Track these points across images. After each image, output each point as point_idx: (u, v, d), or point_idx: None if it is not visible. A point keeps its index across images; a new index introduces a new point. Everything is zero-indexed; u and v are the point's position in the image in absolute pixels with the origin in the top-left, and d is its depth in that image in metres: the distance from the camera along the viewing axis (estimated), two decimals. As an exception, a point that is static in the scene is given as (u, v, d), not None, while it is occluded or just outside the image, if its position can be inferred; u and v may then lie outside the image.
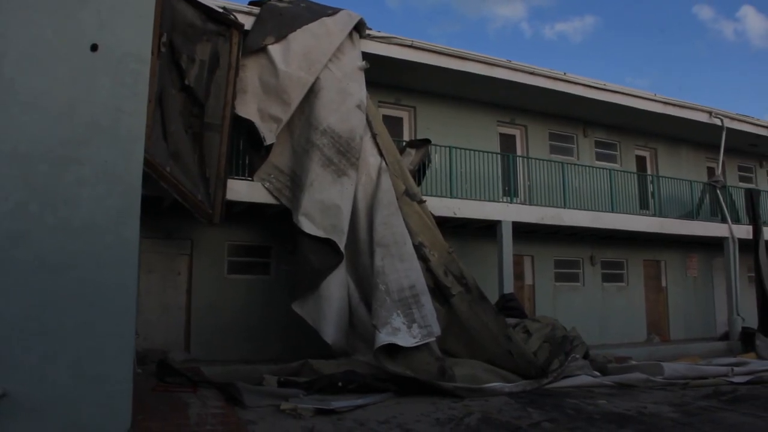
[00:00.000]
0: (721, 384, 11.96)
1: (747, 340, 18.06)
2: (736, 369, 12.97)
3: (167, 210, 12.47)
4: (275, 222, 13.74)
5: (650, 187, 19.99)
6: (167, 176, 10.55)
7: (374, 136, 12.89)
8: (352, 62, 13.10)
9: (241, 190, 12.24)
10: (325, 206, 11.86)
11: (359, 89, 12.91)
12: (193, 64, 11.57)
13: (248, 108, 12.40)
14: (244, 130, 12.57)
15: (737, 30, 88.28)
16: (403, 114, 16.65)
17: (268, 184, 12.45)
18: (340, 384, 10.27)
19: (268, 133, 12.25)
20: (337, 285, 11.78)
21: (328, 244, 11.81)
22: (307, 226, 11.79)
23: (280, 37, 12.50)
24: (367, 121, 12.85)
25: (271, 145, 12.39)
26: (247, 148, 12.75)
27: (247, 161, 12.79)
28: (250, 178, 12.52)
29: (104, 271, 6.75)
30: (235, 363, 12.33)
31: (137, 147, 7.27)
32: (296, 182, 12.36)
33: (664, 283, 20.84)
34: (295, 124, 12.69)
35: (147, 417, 7.60)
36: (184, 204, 11.14)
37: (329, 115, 12.34)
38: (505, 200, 16.22)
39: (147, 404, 8.32)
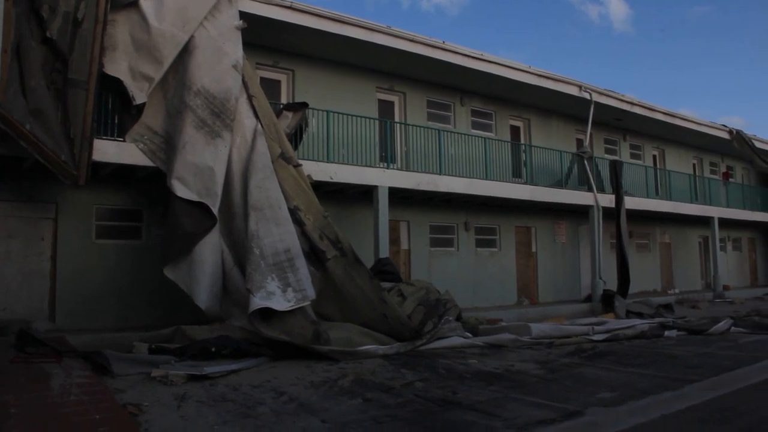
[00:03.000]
0: (582, 342, 12.65)
1: (607, 302, 19.24)
2: (596, 328, 13.74)
3: (28, 171, 11.82)
4: (147, 184, 13.29)
5: (523, 156, 20.73)
6: (27, 134, 9.91)
7: (250, 98, 12.62)
8: (229, 21, 12.74)
9: (109, 150, 11.70)
10: (198, 169, 11.54)
11: (235, 49, 12.59)
12: (55, 16, 10.85)
13: (118, 66, 11.83)
14: (114, 88, 11.98)
15: (602, 13, 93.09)
16: (282, 77, 16.39)
17: (141, 145, 11.98)
18: (213, 349, 10.10)
19: (138, 93, 11.76)
20: (210, 249, 11.53)
21: (202, 207, 11.50)
22: (180, 190, 11.43)
23: (153, -9, 11.97)
24: (243, 82, 12.56)
25: (143, 105, 11.92)
26: (117, 108, 12.18)
27: (116, 121, 12.22)
28: (119, 139, 12.00)
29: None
30: (104, 331, 11.95)
31: (-11, 101, 6.77)
32: (170, 144, 11.96)
33: (534, 249, 21.74)
34: (168, 84, 12.27)
35: (3, 390, 7.21)
36: (47, 165, 10.53)
37: (203, 75, 11.98)
38: (382, 166, 16.32)
39: (4, 376, 7.91)
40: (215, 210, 11.60)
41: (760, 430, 6.07)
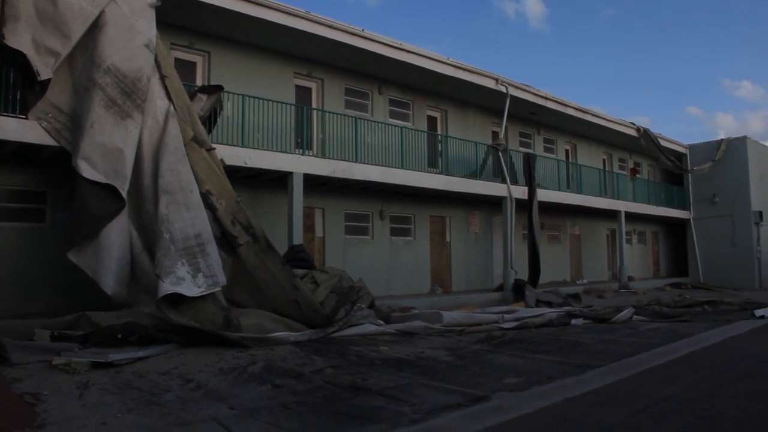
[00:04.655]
0: (492, 330, 12.92)
1: (518, 291, 19.75)
2: (506, 316, 14.02)
3: None
4: (52, 165, 12.75)
5: (439, 147, 20.94)
6: None
7: (163, 78, 12.26)
8: (142, -2, 12.32)
9: (10, 128, 11.17)
10: (106, 149, 11.14)
11: (149, 27, 12.20)
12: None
13: (21, 38, 11.26)
14: (17, 61, 11.41)
15: (518, 11, 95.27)
16: (197, 59, 16.01)
17: (45, 123, 11.47)
18: (119, 336, 9.87)
19: (44, 68, 11.24)
20: (118, 233, 11.17)
21: (110, 189, 11.13)
22: (87, 171, 11.02)
23: (60, -40, 11.44)
24: (156, 62, 12.20)
25: (48, 81, 11.40)
26: (20, 83, 11.62)
27: (18, 97, 11.65)
28: (22, 116, 11.45)
29: None
30: (3, 318, 11.38)
31: None
32: (77, 123, 11.50)
33: (448, 238, 22.03)
34: (76, 60, 11.77)
35: None
36: (-60, 141, 9.98)
37: (114, 52, 11.56)
38: (297, 152, 16.19)
39: None
40: (124, 192, 11.24)
41: (653, 409, 6.35)
